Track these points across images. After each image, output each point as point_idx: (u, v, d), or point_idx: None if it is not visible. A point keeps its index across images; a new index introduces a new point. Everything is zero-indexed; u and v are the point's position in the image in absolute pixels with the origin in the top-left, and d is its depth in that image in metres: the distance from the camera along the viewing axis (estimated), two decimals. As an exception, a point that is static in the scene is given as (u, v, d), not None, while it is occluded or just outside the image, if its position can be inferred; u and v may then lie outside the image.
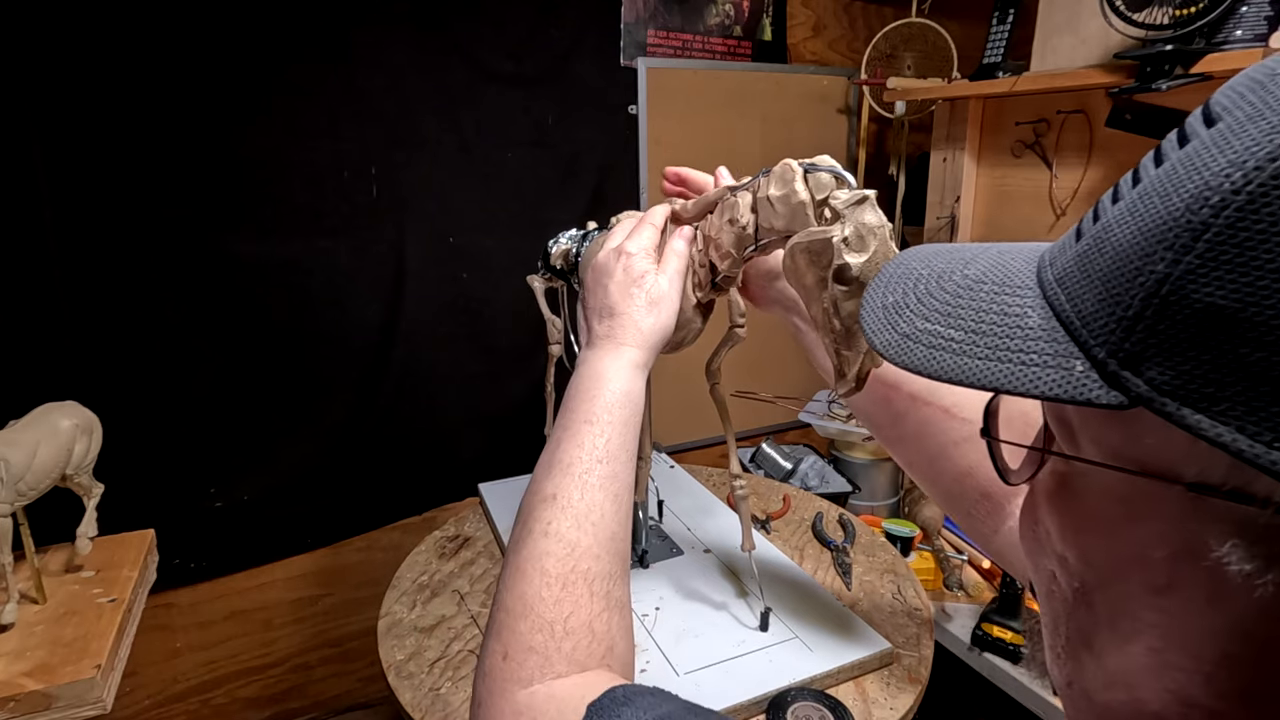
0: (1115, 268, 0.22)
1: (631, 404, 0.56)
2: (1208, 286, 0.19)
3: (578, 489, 0.50)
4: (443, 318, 1.51)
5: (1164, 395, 0.21)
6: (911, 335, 0.28)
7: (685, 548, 1.02)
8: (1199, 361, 0.20)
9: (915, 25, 1.75)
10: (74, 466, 0.92)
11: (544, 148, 1.53)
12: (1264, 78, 0.21)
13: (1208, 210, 0.20)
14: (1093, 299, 0.23)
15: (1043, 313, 0.25)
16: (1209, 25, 1.00)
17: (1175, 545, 0.23)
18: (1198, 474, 0.22)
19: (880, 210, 0.47)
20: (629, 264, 0.60)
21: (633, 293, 0.59)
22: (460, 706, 0.75)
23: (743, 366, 1.79)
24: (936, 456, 0.58)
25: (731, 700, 0.72)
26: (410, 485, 1.57)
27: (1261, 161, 0.19)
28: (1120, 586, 0.25)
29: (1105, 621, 0.26)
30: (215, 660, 1.50)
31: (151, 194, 1.22)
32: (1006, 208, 1.50)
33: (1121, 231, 0.22)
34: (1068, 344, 0.24)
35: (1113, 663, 0.26)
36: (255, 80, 1.26)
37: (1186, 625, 0.23)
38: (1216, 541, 0.21)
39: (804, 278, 0.50)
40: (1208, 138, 0.21)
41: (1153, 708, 0.24)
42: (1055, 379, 0.23)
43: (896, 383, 0.60)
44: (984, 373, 0.25)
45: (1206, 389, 0.20)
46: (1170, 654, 0.24)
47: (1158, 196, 0.22)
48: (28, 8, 1.09)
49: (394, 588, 0.97)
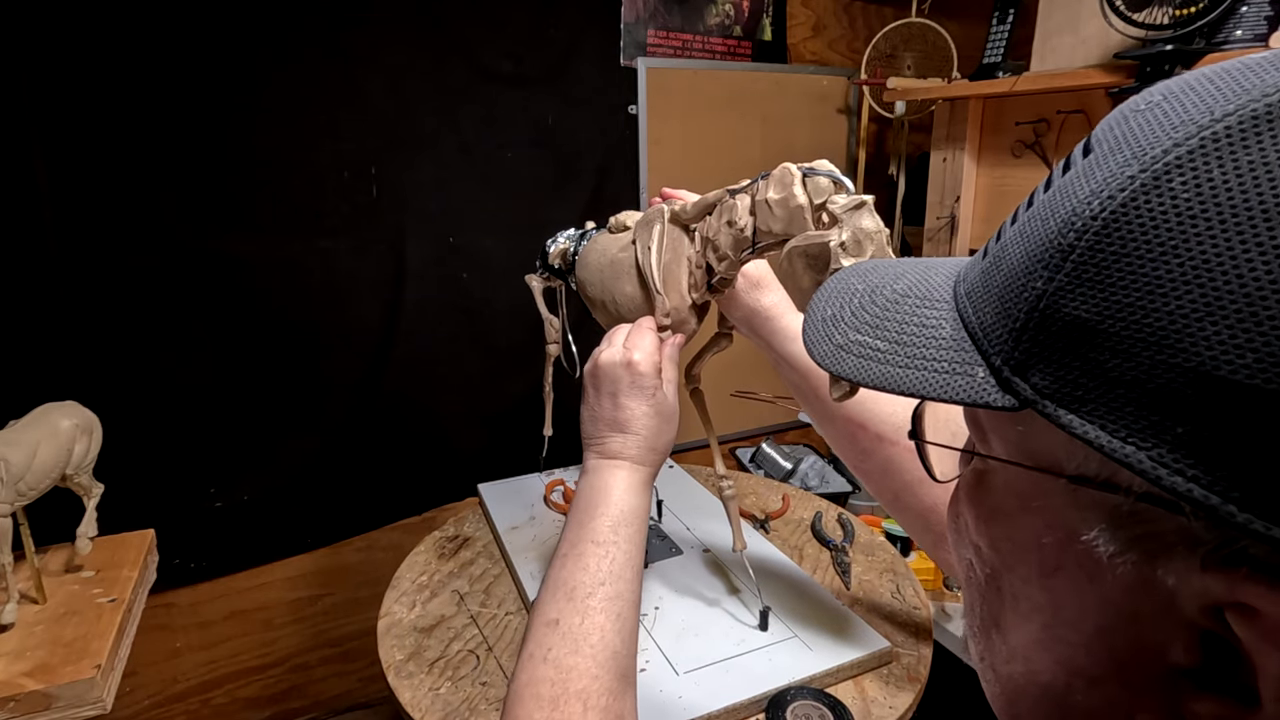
0: (1007, 283, 0.25)
1: (639, 519, 0.58)
2: (1074, 302, 0.22)
3: (579, 614, 0.52)
4: (443, 318, 1.51)
5: (1045, 398, 0.23)
6: (845, 346, 0.31)
7: (684, 547, 1.02)
8: (1070, 368, 0.22)
9: (915, 25, 1.75)
10: (74, 466, 0.92)
11: (544, 148, 1.53)
12: (1129, 112, 0.23)
13: (1073, 234, 0.22)
14: (991, 312, 0.26)
15: (954, 324, 0.28)
16: (1209, 25, 1.00)
17: (1060, 532, 0.25)
18: (1076, 468, 0.24)
19: (878, 215, 0.47)
20: (638, 379, 0.61)
21: (645, 409, 0.61)
22: (460, 706, 0.75)
23: (743, 366, 1.79)
24: (901, 492, 0.61)
25: (731, 699, 0.72)
26: (410, 485, 1.57)
27: (1114, 191, 0.21)
28: (1021, 570, 0.28)
29: (1009, 603, 0.29)
30: (215, 660, 1.50)
31: (151, 194, 1.22)
32: (1006, 208, 1.49)
33: (1013, 250, 0.25)
34: (972, 353, 0.26)
35: (1014, 639, 0.29)
36: (255, 80, 1.26)
37: (1070, 603, 0.26)
38: (1089, 527, 0.24)
39: (800, 281, 0.50)
40: (1081, 167, 0.24)
41: (1044, 678, 0.27)
42: (962, 385, 0.26)
43: (863, 422, 0.63)
44: (904, 380, 0.28)
45: (1076, 392, 0.22)
46: (1058, 629, 0.26)
47: (1039, 220, 0.24)
48: (29, 7, 1.09)
49: (393, 588, 0.97)
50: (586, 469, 0.61)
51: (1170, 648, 0.23)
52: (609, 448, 0.61)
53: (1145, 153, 0.21)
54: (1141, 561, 0.23)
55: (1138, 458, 0.20)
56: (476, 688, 0.78)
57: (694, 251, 0.65)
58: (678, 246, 0.66)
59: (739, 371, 1.79)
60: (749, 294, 0.72)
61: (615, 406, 0.61)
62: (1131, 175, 0.21)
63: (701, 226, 0.64)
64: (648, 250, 0.67)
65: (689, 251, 0.66)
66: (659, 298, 0.66)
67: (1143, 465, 0.20)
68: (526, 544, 1.03)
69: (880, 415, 0.63)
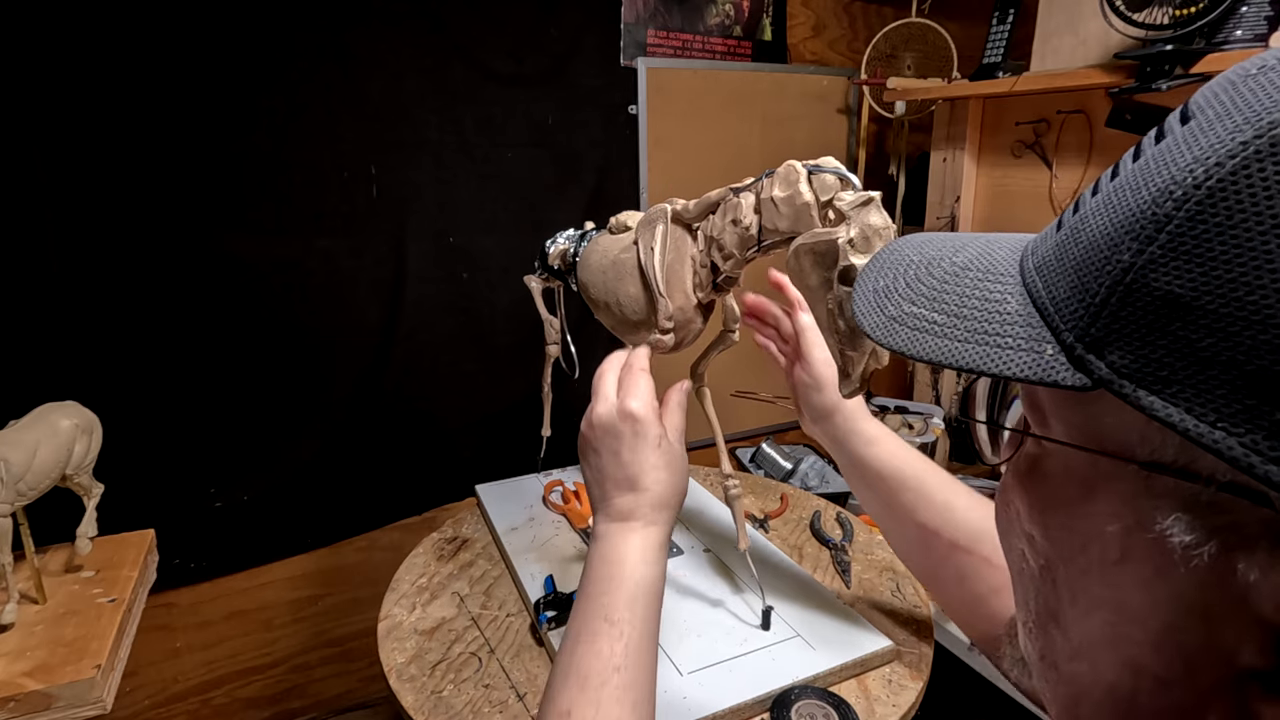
0: (1087, 257, 0.23)
1: (654, 591, 0.54)
2: (1166, 276, 0.21)
3: (592, 704, 0.49)
4: (443, 318, 1.51)
5: (1123, 378, 0.22)
6: (898, 318, 0.29)
7: (685, 547, 1.02)
8: (1155, 346, 0.21)
9: (915, 25, 1.75)
10: (74, 466, 0.92)
11: (544, 148, 1.53)
12: (1237, 78, 0.22)
13: (1171, 204, 0.21)
14: (1065, 286, 0.24)
15: (1021, 299, 0.26)
16: (1209, 25, 1.00)
17: (1127, 520, 0.24)
18: (1151, 453, 0.23)
19: (885, 211, 0.47)
20: (639, 427, 0.57)
21: (653, 460, 0.56)
22: (463, 709, 0.75)
23: (743, 366, 1.79)
24: (974, 603, 0.59)
25: (735, 699, 0.72)
26: (410, 485, 1.57)
27: (1222, 158, 0.20)
28: (1080, 561, 0.27)
29: (1066, 597, 0.28)
30: (215, 660, 1.50)
31: (151, 194, 1.22)
32: (1006, 208, 1.50)
33: (1096, 222, 0.24)
34: (1041, 329, 0.25)
35: (1076, 635, 0.27)
36: (255, 80, 1.26)
37: (1136, 597, 0.24)
38: (1163, 516, 0.23)
39: (808, 279, 0.50)
40: (1180, 135, 0.22)
41: (1109, 677, 0.26)
42: (1027, 361, 0.24)
43: (938, 529, 0.61)
44: (962, 354, 0.26)
45: (1161, 372, 0.21)
46: (1122, 626, 0.25)
47: (1130, 190, 0.23)
48: (29, 7, 1.09)
49: (393, 590, 0.96)
50: (596, 535, 0.57)
51: (1242, 648, 0.22)
52: (618, 507, 0.57)
53: (1260, 118, 0.20)
54: (1219, 555, 0.21)
55: (1228, 444, 0.19)
56: (479, 690, 0.78)
57: (698, 251, 0.65)
58: (681, 246, 0.66)
59: (740, 371, 1.79)
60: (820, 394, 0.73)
61: (619, 463, 0.57)
62: (1244, 141, 0.20)
63: (705, 225, 0.64)
64: (650, 251, 0.67)
65: (692, 251, 0.65)
66: (661, 300, 0.66)
67: (1233, 452, 0.19)
68: (526, 545, 1.03)
69: (955, 522, 0.60)
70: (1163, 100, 1.16)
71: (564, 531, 1.07)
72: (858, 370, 0.49)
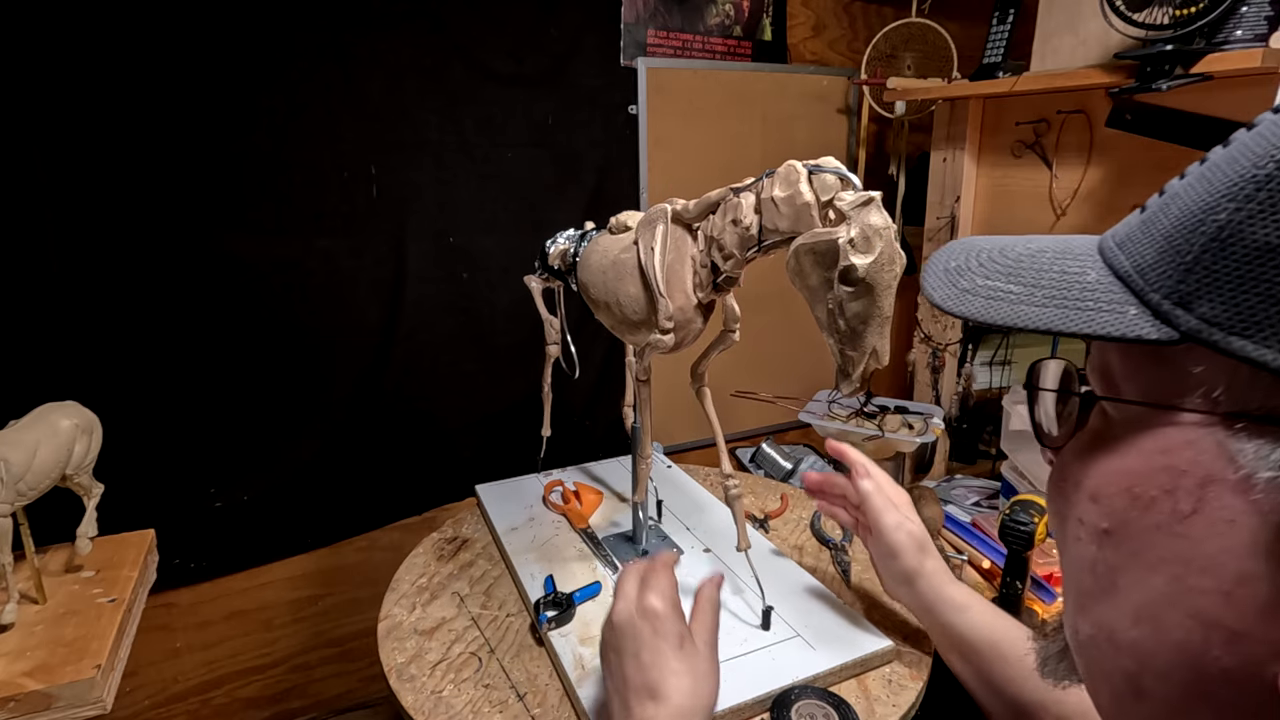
0: (1178, 224, 0.25)
1: None
2: (1265, 228, 0.22)
3: None
4: (443, 318, 1.51)
5: (1212, 326, 0.23)
6: (971, 290, 0.30)
7: (685, 547, 1.02)
8: (1249, 294, 0.22)
9: (915, 25, 1.75)
10: (74, 466, 0.92)
11: (544, 148, 1.53)
12: None
13: (1273, 164, 0.22)
14: (1153, 253, 0.26)
15: (1101, 271, 0.27)
16: (1209, 25, 1.00)
17: (1200, 473, 0.25)
18: (1234, 403, 0.24)
19: (885, 211, 0.47)
20: (659, 625, 0.53)
21: (675, 665, 0.53)
22: (463, 709, 0.75)
23: (743, 366, 1.79)
24: None
25: (735, 699, 0.72)
26: (410, 485, 1.57)
27: None
28: (1148, 518, 0.27)
29: (1127, 559, 0.28)
30: (215, 660, 1.50)
31: (151, 194, 1.22)
32: (1006, 208, 1.50)
33: (1188, 195, 0.25)
34: (1123, 293, 0.26)
35: (1137, 596, 0.27)
36: (255, 80, 1.26)
37: (1207, 548, 0.25)
38: (1238, 465, 0.24)
39: (808, 279, 0.50)
40: (1272, 118, 0.24)
41: (1176, 636, 0.26)
42: (1110, 320, 0.26)
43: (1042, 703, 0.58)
44: (1040, 317, 0.27)
45: (1254, 318, 0.22)
46: (1191, 578, 0.25)
47: (1225, 163, 0.24)
48: (29, 7, 1.09)
49: (393, 590, 0.97)
50: None
51: None
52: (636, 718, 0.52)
53: None
54: None
55: None
56: (479, 690, 0.78)
57: (698, 251, 0.65)
58: (681, 246, 0.66)
59: (740, 371, 1.79)
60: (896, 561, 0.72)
61: (639, 666, 0.53)
62: None
63: (705, 225, 0.64)
64: (650, 251, 0.67)
65: (693, 251, 0.65)
66: (662, 300, 0.66)
67: None
68: (526, 545, 1.03)
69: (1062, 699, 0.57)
70: (1163, 100, 1.16)
71: (564, 531, 1.07)
72: (858, 370, 0.49)
